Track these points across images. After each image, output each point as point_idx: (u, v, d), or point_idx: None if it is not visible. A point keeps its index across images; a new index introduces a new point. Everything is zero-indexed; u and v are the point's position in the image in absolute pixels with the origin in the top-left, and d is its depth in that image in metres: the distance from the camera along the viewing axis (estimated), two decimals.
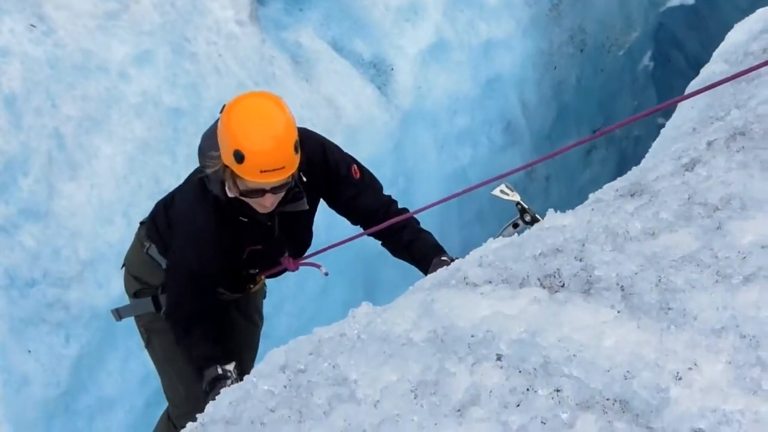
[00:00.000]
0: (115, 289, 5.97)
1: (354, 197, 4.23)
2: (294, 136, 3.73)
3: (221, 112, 3.79)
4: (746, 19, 5.76)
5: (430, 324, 2.68)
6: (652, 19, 12.40)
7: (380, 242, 4.31)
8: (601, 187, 3.50)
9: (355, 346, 2.69)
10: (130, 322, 4.65)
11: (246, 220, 4.00)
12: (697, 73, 5.47)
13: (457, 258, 3.54)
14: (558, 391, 2.26)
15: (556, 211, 3.28)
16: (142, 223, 4.55)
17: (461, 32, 9.26)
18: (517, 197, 4.36)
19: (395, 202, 4.32)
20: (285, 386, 2.62)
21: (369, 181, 4.28)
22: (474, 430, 2.21)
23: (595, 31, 11.06)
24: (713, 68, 5.24)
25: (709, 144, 3.47)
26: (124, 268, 4.62)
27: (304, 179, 4.05)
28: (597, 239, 2.89)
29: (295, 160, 3.74)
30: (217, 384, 3.98)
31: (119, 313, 4.59)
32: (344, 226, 4.61)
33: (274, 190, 3.78)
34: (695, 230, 2.81)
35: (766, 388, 2.14)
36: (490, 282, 2.85)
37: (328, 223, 6.56)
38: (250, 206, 3.92)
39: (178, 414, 4.59)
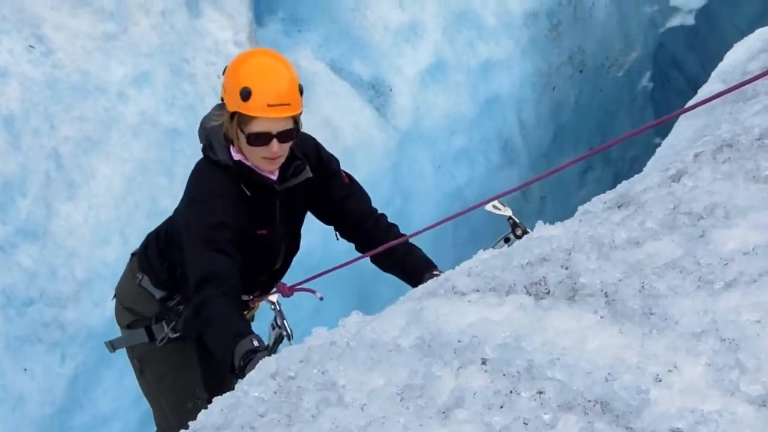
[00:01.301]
0: (110, 308, 5.98)
1: (344, 198, 4.28)
2: (298, 80, 3.88)
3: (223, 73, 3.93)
4: (745, 39, 5.77)
5: (417, 331, 2.71)
6: (652, 39, 12.45)
7: (370, 258, 4.30)
8: None
9: (344, 353, 2.72)
10: None
11: (250, 194, 3.97)
12: (696, 94, 5.49)
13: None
14: (540, 393, 2.29)
15: (545, 223, 3.32)
16: (133, 255, 4.56)
17: (460, 53, 9.32)
18: (509, 212, 4.40)
19: (384, 215, 4.36)
20: (275, 392, 2.65)
21: (358, 188, 4.35)
22: (458, 431, 2.23)
23: (594, 51, 11.11)
24: (711, 88, 5.24)
25: (696, 156, 3.50)
26: (115, 299, 4.63)
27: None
28: (583, 248, 2.93)
29: (300, 102, 3.85)
30: (253, 357, 3.42)
31: (113, 345, 4.61)
32: (338, 246, 4.64)
33: (279, 136, 3.81)
34: (679, 238, 2.84)
35: (743, 390, 2.16)
36: (478, 290, 2.88)
37: (324, 245, 6.61)
38: (255, 173, 3.94)
39: None
